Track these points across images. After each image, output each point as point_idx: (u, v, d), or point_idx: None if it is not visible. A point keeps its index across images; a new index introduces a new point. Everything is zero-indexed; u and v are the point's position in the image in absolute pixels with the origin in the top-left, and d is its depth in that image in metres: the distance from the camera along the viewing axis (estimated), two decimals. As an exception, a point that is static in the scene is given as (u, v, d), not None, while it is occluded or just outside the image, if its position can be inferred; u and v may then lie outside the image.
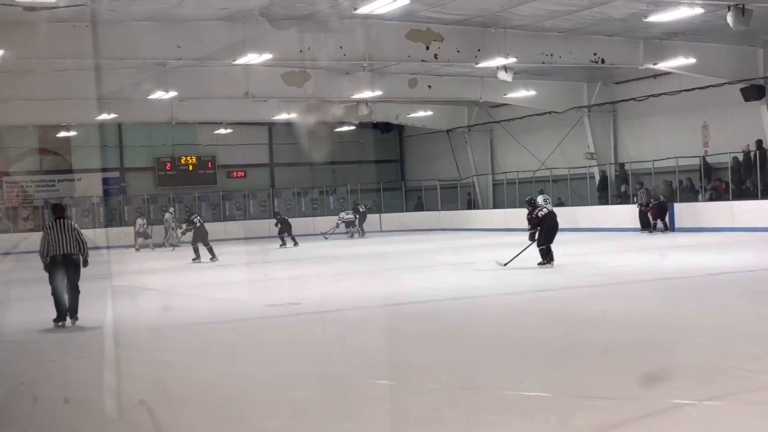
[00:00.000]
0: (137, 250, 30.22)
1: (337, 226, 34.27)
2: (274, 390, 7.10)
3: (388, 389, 6.87)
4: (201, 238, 22.81)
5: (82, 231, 11.79)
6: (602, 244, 23.16)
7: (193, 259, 22.66)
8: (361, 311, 11.90)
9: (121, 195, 38.14)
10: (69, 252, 11.26)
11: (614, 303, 11.80)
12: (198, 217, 23.63)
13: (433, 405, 6.27)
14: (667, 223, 26.95)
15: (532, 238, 16.70)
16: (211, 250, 22.67)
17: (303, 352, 9.01)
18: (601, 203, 31.17)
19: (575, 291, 13.24)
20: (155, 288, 16.72)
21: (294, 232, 29.51)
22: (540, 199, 32.36)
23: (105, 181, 38.33)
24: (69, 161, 36.78)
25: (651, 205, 27.08)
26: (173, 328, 11.10)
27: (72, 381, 7.88)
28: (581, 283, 14.11)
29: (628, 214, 28.67)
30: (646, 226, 27.07)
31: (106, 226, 35.25)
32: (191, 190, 39.01)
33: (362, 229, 34.48)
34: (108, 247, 30.23)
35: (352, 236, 33.91)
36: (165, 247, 31.07)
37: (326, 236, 33.57)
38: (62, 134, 34.98)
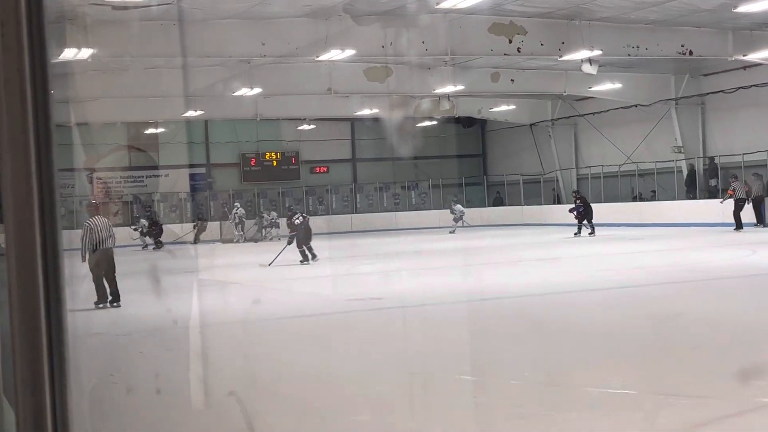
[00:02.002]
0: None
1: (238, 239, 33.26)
2: (357, 384, 7.15)
3: (471, 385, 6.86)
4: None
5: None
6: (690, 240, 22.70)
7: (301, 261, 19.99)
8: (443, 306, 11.89)
9: (208, 191, 38.82)
10: (108, 246, 12.86)
11: (702, 300, 11.56)
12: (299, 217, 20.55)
13: (517, 401, 6.24)
14: (594, 225, 26.28)
15: (290, 240, 19.93)
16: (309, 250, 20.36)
17: (385, 346, 9.05)
18: (689, 198, 30.54)
19: (662, 287, 13.01)
20: (240, 282, 16.97)
21: (376, 227, 29.38)
22: (458, 208, 31.96)
23: (192, 176, 39.05)
24: (156, 157, 37.59)
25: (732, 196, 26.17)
26: (259, 321, 11.26)
27: (161, 373, 8.06)
28: (668, 280, 13.85)
29: (717, 208, 28.04)
30: (760, 220, 26.11)
31: (193, 221, 35.91)
32: (275, 185, 39.51)
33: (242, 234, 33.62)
34: (195, 242, 30.79)
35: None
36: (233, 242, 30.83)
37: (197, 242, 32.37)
38: (150, 131, 35.78)
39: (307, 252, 19.74)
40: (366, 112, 33.73)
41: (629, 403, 6.03)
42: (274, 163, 40.05)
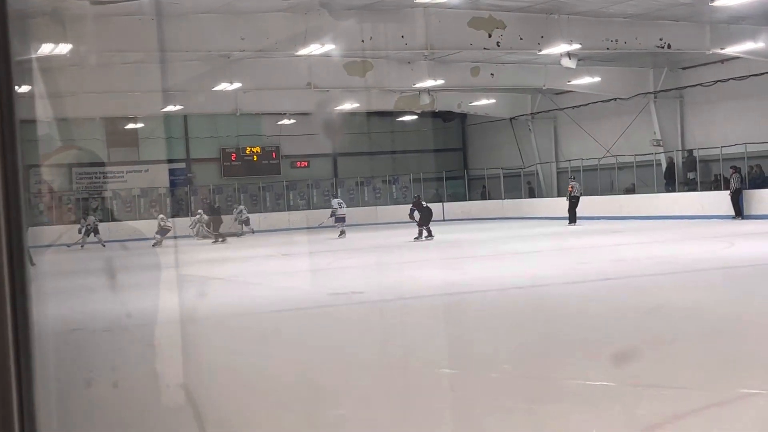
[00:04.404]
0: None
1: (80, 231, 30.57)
2: (336, 378, 7.15)
3: (451, 378, 6.88)
4: None
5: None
6: (669, 233, 22.83)
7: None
8: (423, 300, 11.91)
9: (188, 185, 38.69)
10: None
11: (681, 292, 11.63)
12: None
13: (496, 394, 6.26)
14: (431, 231, 24.03)
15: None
16: None
17: (365, 340, 9.06)
18: (668, 191, 30.71)
19: (641, 279, 13.07)
20: (222, 277, 16.93)
21: (358, 221, 29.38)
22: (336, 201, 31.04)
23: (171, 172, 38.93)
24: (137, 152, 37.43)
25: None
26: (240, 316, 11.24)
27: (134, 368, 8.02)
28: (647, 272, 13.92)
29: (695, 201, 28.20)
30: (739, 213, 26.33)
31: (173, 217, 35.73)
32: (256, 180, 39.44)
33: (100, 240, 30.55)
34: (175, 237, 30.65)
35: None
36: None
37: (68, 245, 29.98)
38: (129, 126, 35.58)
39: None
40: (346, 106, 33.70)
41: (608, 394, 6.06)
42: (255, 158, 40.00)
